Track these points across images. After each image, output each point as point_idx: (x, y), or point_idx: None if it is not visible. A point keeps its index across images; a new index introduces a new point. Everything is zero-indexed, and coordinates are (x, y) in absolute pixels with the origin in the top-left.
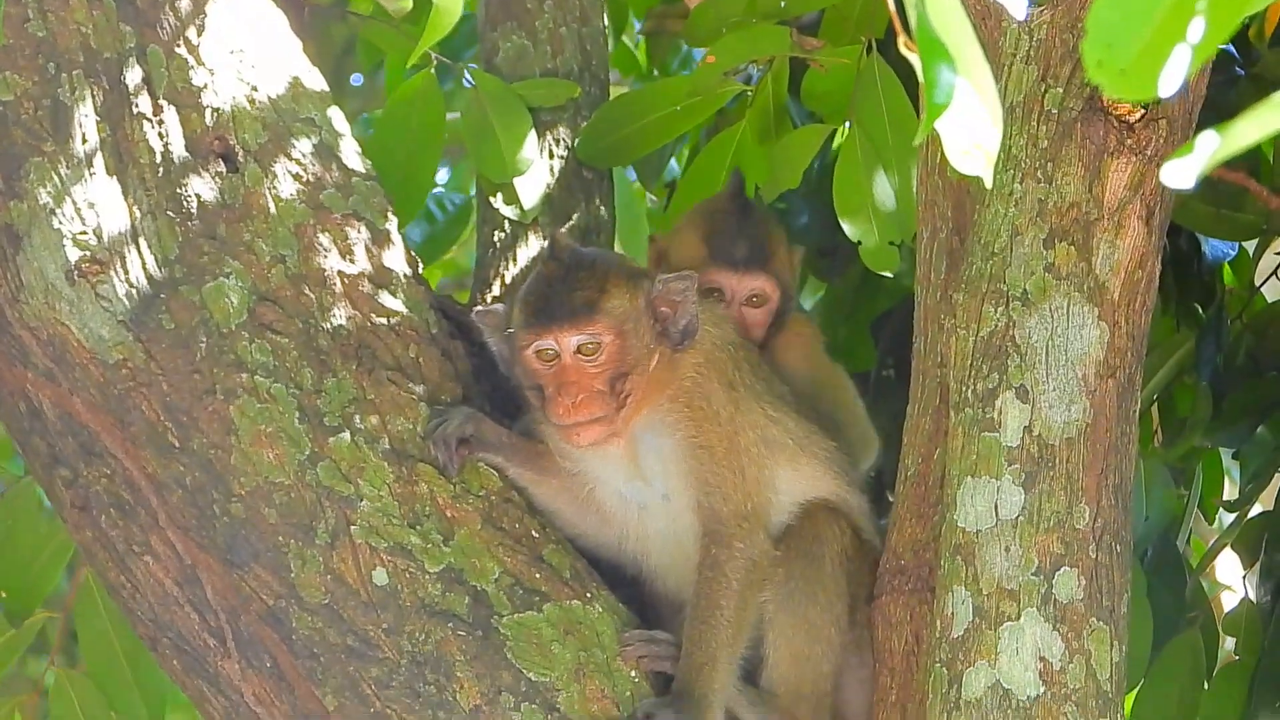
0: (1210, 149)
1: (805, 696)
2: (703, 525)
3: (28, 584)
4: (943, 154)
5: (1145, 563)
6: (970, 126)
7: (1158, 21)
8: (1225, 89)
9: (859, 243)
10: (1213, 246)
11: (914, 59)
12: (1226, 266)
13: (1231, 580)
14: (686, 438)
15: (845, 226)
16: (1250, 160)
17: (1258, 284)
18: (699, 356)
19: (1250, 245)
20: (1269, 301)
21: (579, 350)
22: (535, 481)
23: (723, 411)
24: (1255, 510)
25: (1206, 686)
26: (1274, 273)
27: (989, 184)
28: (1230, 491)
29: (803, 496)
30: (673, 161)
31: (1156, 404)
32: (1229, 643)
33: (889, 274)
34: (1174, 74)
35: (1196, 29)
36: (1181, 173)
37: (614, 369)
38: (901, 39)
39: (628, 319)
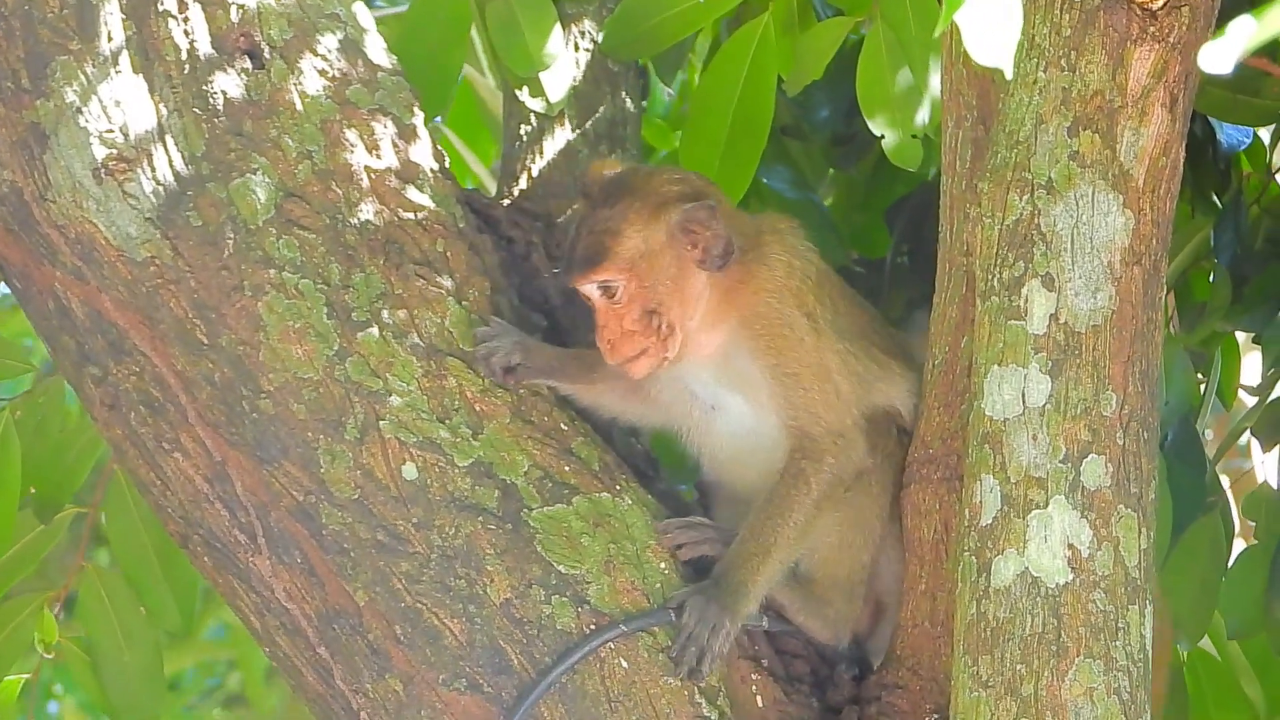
0: (1246, 33)
1: (841, 583)
2: (793, 441)
3: (56, 480)
4: (964, 41)
5: (1165, 447)
6: (989, 17)
7: None
8: None
9: (881, 136)
10: (1228, 133)
11: None
12: (1242, 154)
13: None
14: (771, 365)
15: (869, 121)
16: (1269, 46)
17: (1274, 170)
18: (772, 283)
19: (1266, 131)
20: None
21: (603, 293)
22: (587, 390)
23: (806, 339)
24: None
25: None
26: None
27: (1009, 74)
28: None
29: (885, 407)
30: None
31: (1174, 290)
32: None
33: (911, 169)
34: None
35: None
36: (1218, 57)
37: (642, 305)
38: None
39: (643, 257)
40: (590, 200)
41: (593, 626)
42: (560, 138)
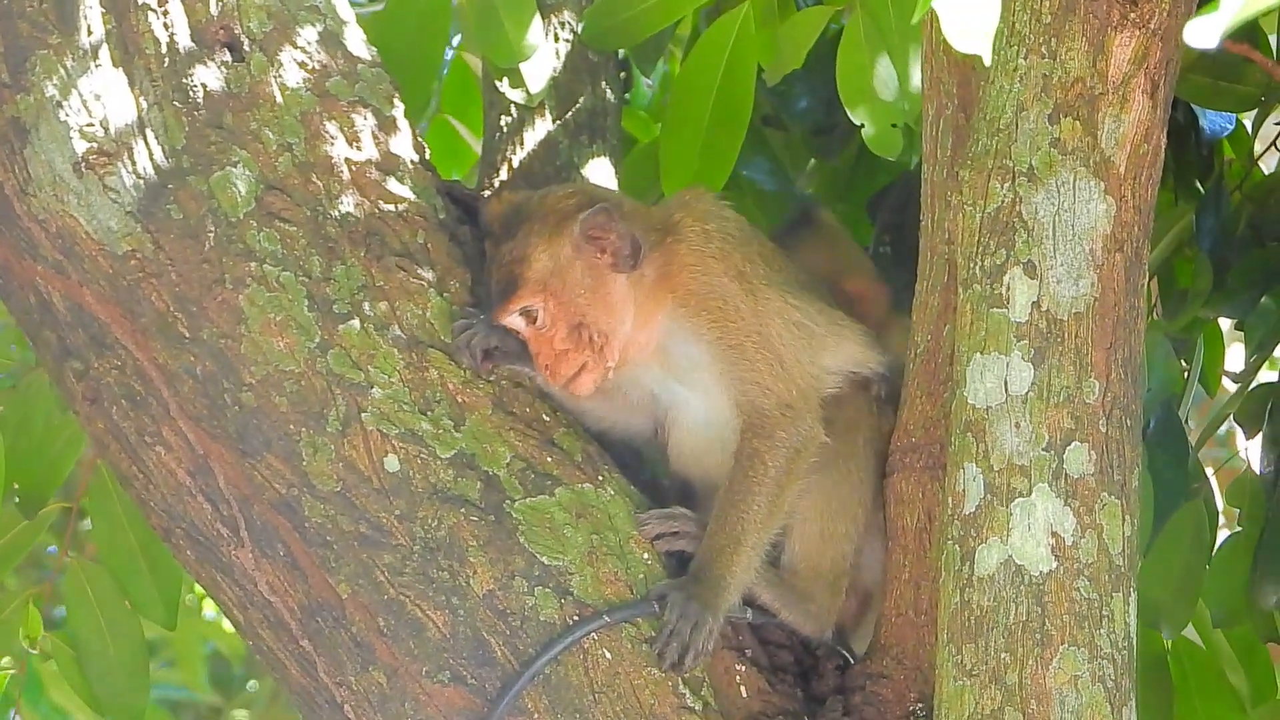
0: (1235, 8)
1: (824, 575)
2: (743, 419)
3: (40, 476)
4: (942, 28)
5: (1147, 435)
6: (968, 4)
7: None
8: None
9: (861, 126)
10: (1210, 120)
11: None
12: (1224, 140)
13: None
14: (713, 340)
15: (849, 111)
16: (1249, 31)
17: (1257, 155)
18: (692, 257)
19: (1248, 118)
20: (1268, 173)
21: (527, 321)
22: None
23: (742, 305)
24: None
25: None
26: (1273, 143)
27: (988, 61)
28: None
29: (841, 370)
30: None
31: (1156, 277)
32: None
33: (892, 158)
34: None
35: None
36: (1205, 31)
37: (567, 322)
38: None
39: (554, 275)
40: (494, 238)
41: (576, 617)
42: (541, 128)
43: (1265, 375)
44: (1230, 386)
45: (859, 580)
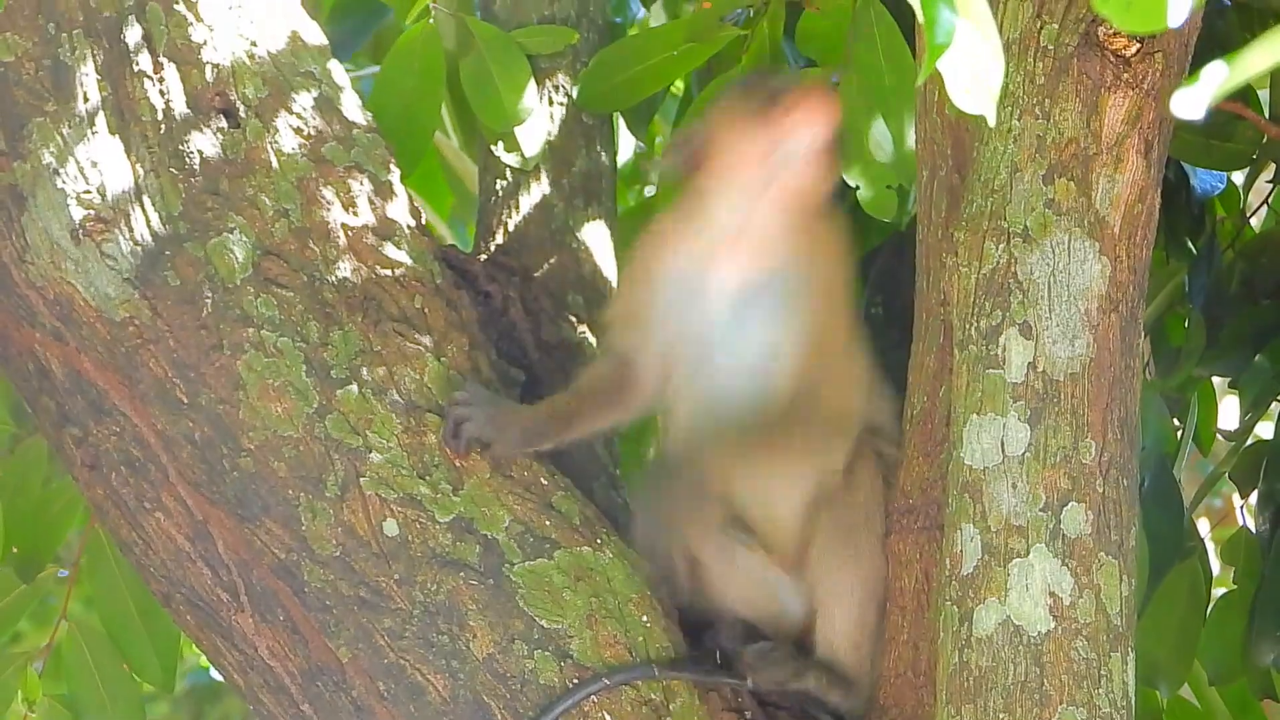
0: (1218, 79)
1: (865, 655)
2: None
3: (38, 540)
4: (941, 92)
5: (1142, 494)
6: (972, 65)
7: None
8: (1213, 19)
9: (856, 188)
10: (1201, 179)
11: (913, 0)
12: (1215, 198)
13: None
14: (817, 324)
15: (844, 173)
16: (1240, 89)
17: (1248, 213)
18: (838, 239)
19: (1239, 175)
20: (1260, 230)
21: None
22: (568, 439)
23: (845, 319)
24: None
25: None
26: (1265, 202)
27: (992, 121)
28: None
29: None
30: None
31: (1149, 335)
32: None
33: (887, 219)
34: (1180, 5)
35: None
36: (1189, 103)
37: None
38: None
39: None
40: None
41: (576, 680)
42: (536, 192)
43: (1261, 430)
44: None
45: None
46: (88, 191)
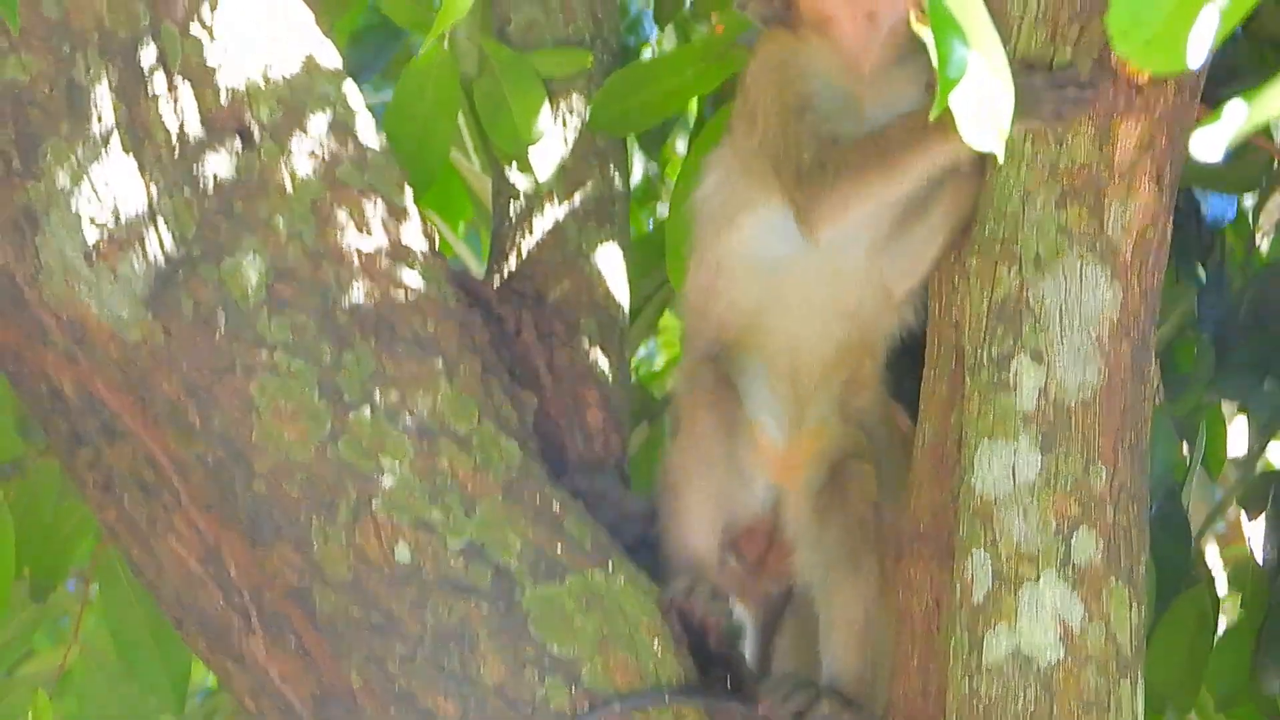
0: (1239, 118)
1: (866, 671)
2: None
3: (50, 560)
4: (953, 122)
5: (1150, 519)
6: (983, 101)
7: None
8: (1224, 45)
9: None
10: (1212, 204)
11: (925, 33)
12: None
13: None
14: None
15: None
16: None
17: (1258, 239)
18: None
19: (1248, 200)
20: (1270, 254)
21: None
22: None
23: None
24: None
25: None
26: (1276, 226)
27: (1001, 158)
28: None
29: None
30: None
31: (1158, 360)
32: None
33: None
34: (1200, 43)
35: (1215, 3)
36: (1210, 143)
37: None
38: (913, 14)
39: None
40: None
41: (586, 707)
42: (549, 215)
43: (1271, 455)
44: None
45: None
46: (101, 212)
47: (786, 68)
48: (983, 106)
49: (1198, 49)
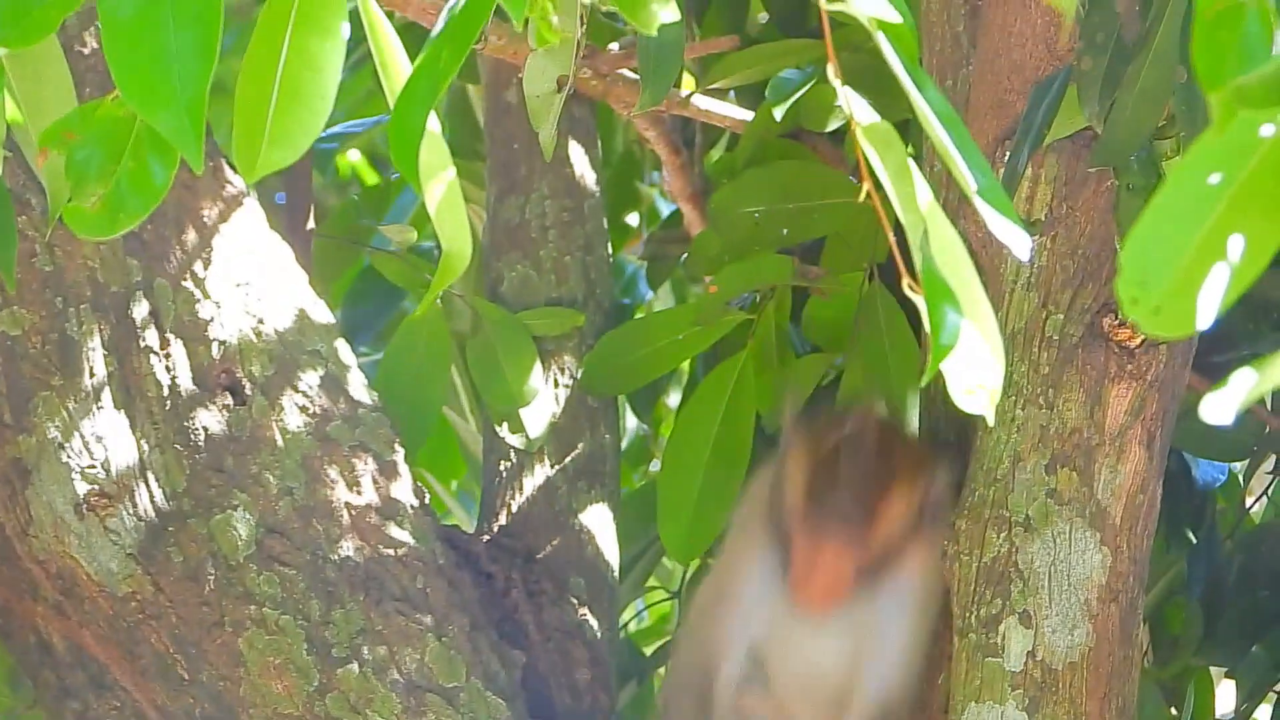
0: (1248, 385)
1: None
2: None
3: None
4: (944, 385)
5: None
6: (974, 367)
7: (1191, 258)
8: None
9: None
10: (1203, 469)
11: (919, 300)
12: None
13: None
14: (910, 633)
15: None
16: None
17: (1249, 503)
18: (933, 557)
19: (1239, 465)
20: (1259, 520)
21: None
22: None
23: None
24: None
25: None
26: (1264, 493)
27: (991, 422)
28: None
29: None
30: None
31: (1147, 623)
32: None
33: None
34: (1210, 304)
35: (1225, 268)
36: (1220, 408)
37: (868, 561)
38: (906, 280)
39: (898, 524)
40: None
41: None
42: (540, 474)
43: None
44: None
45: None
46: (92, 466)
47: (745, 534)
48: (974, 373)
49: (1207, 310)
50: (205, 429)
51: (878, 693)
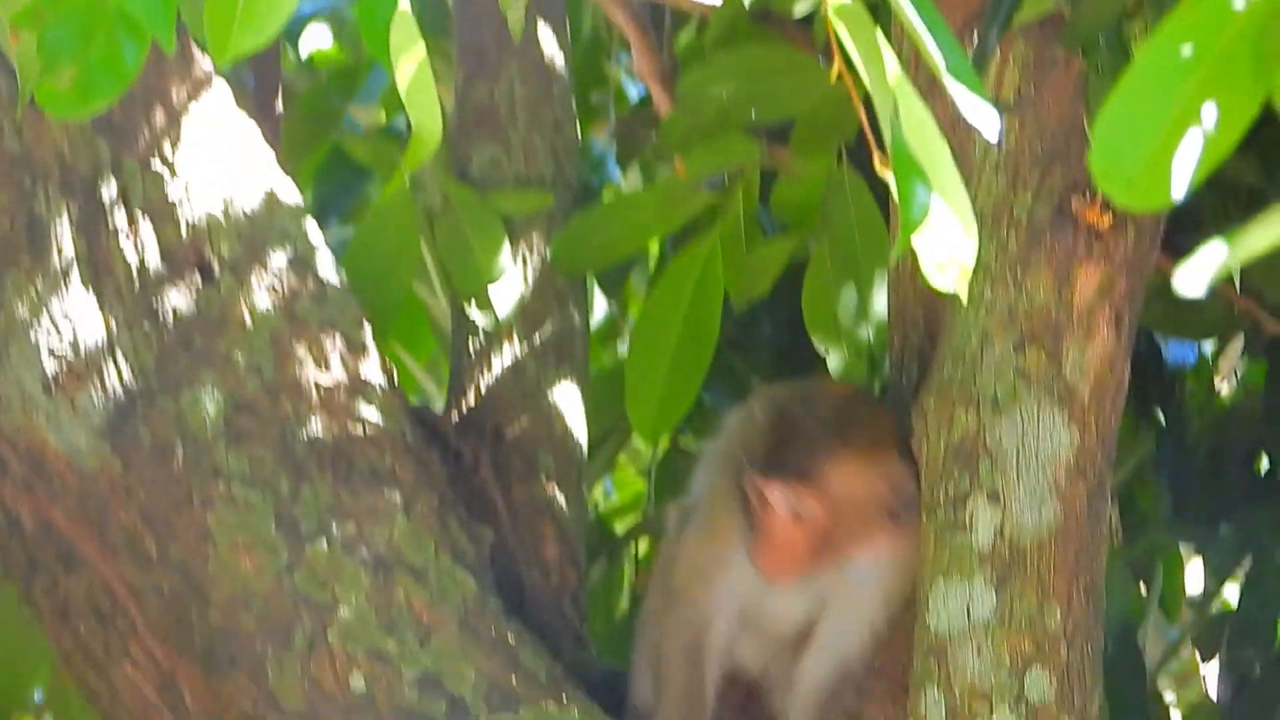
0: (1219, 257)
1: None
2: (838, 667)
3: (9, 687)
4: (915, 262)
5: (1105, 659)
6: (946, 242)
7: (1165, 129)
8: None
9: (826, 353)
10: (1173, 349)
11: (889, 176)
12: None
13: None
14: (876, 609)
15: (814, 338)
16: None
17: (1217, 383)
18: (910, 539)
19: (1209, 345)
20: (1228, 400)
21: (787, 506)
22: None
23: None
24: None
25: None
26: (1233, 372)
27: (964, 299)
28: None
29: None
30: None
31: (1117, 502)
32: None
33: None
34: (1183, 175)
35: (1198, 139)
36: (1191, 281)
37: (818, 535)
38: (877, 157)
39: (848, 495)
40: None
41: None
42: (508, 352)
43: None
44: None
45: None
46: (61, 345)
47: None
48: (946, 248)
49: (1181, 181)
50: (174, 308)
51: (832, 662)
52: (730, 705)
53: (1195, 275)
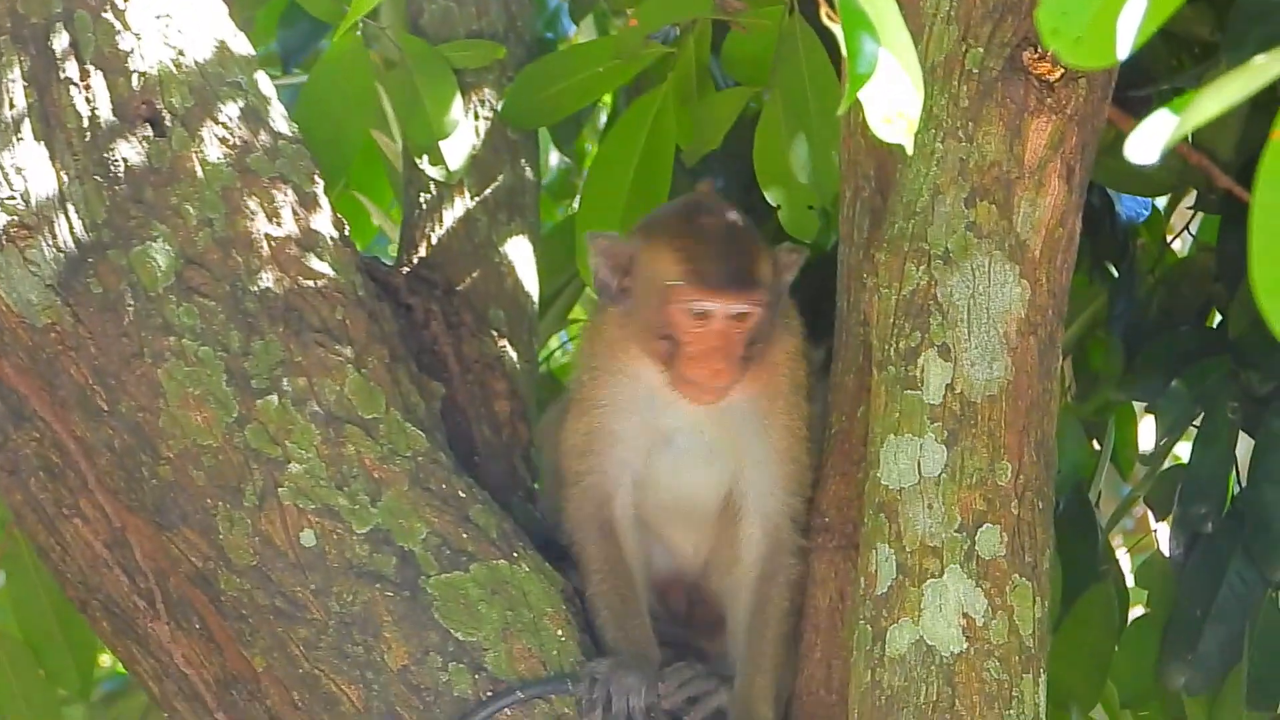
0: (1169, 125)
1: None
2: (769, 531)
3: None
4: (865, 116)
5: (1057, 516)
6: (892, 95)
7: None
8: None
9: (778, 207)
10: (1126, 205)
11: (836, 29)
12: (1139, 224)
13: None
14: (788, 424)
15: (766, 192)
16: None
17: (1169, 239)
18: (793, 345)
19: (1162, 201)
20: (1181, 256)
21: (734, 317)
22: None
23: (803, 428)
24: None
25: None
26: (1185, 228)
27: (910, 151)
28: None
29: None
30: None
31: (1069, 359)
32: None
33: (806, 240)
34: (1128, 34)
35: None
36: (1144, 147)
37: (753, 336)
38: (824, 9)
39: (772, 289)
40: (717, 220)
41: (490, 693)
42: (459, 206)
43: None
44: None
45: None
46: (11, 197)
47: (606, 375)
48: (892, 101)
49: (1126, 40)
50: (125, 160)
51: (766, 493)
52: (671, 611)
53: (1148, 142)
